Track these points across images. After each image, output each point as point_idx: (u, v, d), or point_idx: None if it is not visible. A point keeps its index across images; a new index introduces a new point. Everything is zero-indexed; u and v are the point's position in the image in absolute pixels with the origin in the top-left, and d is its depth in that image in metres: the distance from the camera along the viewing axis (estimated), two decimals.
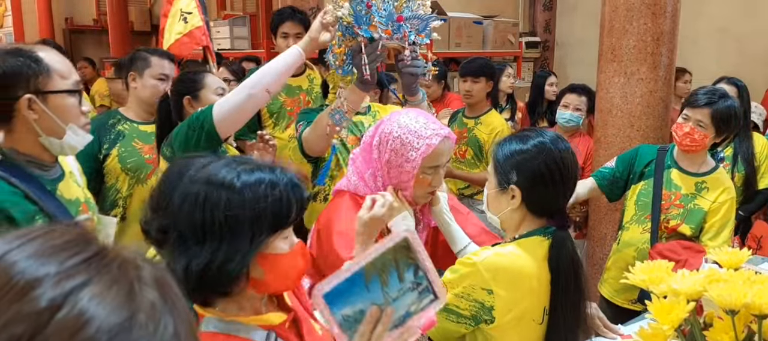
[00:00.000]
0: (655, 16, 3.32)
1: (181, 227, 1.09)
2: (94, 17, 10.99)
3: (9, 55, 1.57)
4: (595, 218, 3.75)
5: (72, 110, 1.64)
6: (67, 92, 1.62)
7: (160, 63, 2.78)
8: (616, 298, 2.80)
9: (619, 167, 2.85)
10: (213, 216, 1.08)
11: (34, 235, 0.46)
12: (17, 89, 1.56)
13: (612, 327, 1.93)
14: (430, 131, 1.68)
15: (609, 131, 3.50)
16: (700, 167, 2.66)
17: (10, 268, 0.43)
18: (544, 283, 1.56)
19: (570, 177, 1.60)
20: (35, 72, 1.57)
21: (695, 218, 2.60)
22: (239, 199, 1.10)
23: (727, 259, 1.53)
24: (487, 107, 4.05)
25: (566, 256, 1.56)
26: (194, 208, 1.09)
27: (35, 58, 1.58)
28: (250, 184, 1.11)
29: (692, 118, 2.55)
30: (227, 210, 1.08)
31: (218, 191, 1.10)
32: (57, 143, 1.65)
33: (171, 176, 1.15)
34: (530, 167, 1.56)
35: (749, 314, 1.32)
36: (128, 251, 0.50)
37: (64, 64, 1.65)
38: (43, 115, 1.59)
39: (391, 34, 2.01)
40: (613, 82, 3.45)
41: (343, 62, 2.12)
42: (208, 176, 1.11)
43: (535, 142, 1.58)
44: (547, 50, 7.37)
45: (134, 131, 2.69)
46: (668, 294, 1.37)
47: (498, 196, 1.62)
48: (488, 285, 1.51)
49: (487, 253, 1.56)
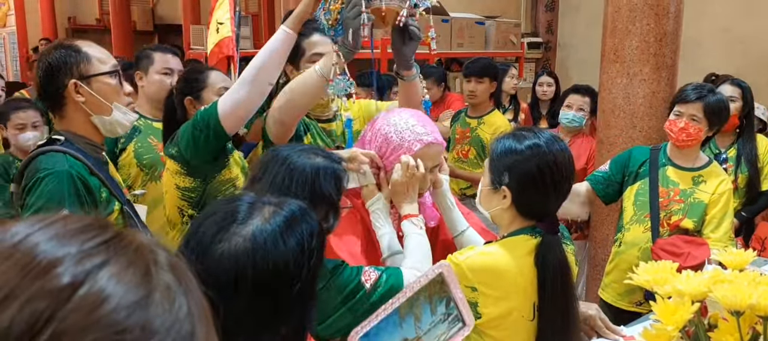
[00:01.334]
0: (658, 16, 3.31)
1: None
2: (96, 17, 11.01)
3: (54, 50, 1.79)
4: (596, 220, 3.74)
5: (114, 90, 1.84)
6: (107, 74, 1.81)
7: (163, 58, 2.84)
8: (618, 302, 2.79)
9: (612, 169, 2.86)
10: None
11: (53, 220, 0.48)
12: (64, 77, 1.76)
13: (614, 328, 1.92)
14: (414, 135, 1.68)
15: (611, 132, 3.49)
16: (694, 162, 2.69)
17: (33, 249, 0.45)
18: (530, 280, 1.57)
19: (563, 181, 1.59)
20: (77, 60, 1.77)
21: (697, 211, 2.62)
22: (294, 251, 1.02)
23: (731, 260, 1.53)
24: (491, 107, 4.06)
25: (554, 261, 1.56)
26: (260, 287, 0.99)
27: (76, 49, 1.78)
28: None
29: (685, 113, 2.59)
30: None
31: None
32: (107, 120, 1.83)
33: None
34: (522, 170, 1.56)
35: (754, 315, 1.32)
36: (144, 237, 0.52)
37: (101, 52, 1.85)
38: (90, 97, 1.79)
39: None
40: (616, 83, 3.44)
41: (336, 22, 1.87)
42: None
43: (529, 143, 1.57)
44: (549, 51, 7.36)
45: (149, 127, 2.74)
46: (673, 295, 1.37)
47: (490, 193, 1.63)
48: (471, 283, 1.53)
49: (470, 253, 1.58)
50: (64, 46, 1.81)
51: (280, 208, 1.04)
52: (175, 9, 9.86)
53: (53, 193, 1.66)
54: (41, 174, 1.69)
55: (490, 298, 1.55)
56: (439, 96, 4.71)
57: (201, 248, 0.99)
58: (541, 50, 7.19)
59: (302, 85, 1.99)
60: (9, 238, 0.46)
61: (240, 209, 1.02)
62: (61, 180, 1.68)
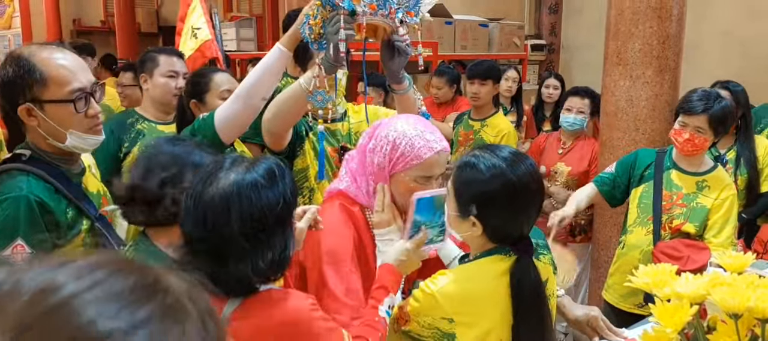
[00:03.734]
0: (660, 19, 3.32)
1: (237, 236, 1.27)
2: (101, 19, 11.02)
3: (10, 64, 1.62)
4: (599, 222, 3.75)
5: (70, 118, 1.65)
6: (64, 102, 1.63)
7: (169, 60, 2.81)
8: (621, 303, 2.80)
9: (618, 171, 2.87)
10: (267, 217, 1.30)
11: (100, 278, 0.48)
12: (17, 97, 1.62)
13: (615, 331, 1.94)
14: (423, 142, 1.65)
15: (614, 135, 3.51)
16: (699, 167, 2.69)
17: (81, 314, 0.45)
18: (506, 303, 1.53)
19: (531, 202, 1.55)
20: (29, 82, 1.60)
21: (699, 216, 2.62)
22: (274, 195, 1.31)
23: (730, 263, 1.54)
24: (494, 109, 4.08)
25: (529, 286, 1.52)
26: (247, 217, 1.28)
27: (30, 68, 1.60)
28: (276, 179, 1.33)
29: (690, 125, 2.58)
30: (274, 209, 1.30)
31: (257, 194, 1.29)
32: (62, 145, 1.69)
33: (201, 198, 1.31)
34: (487, 198, 1.51)
35: (752, 318, 1.33)
36: (178, 285, 0.53)
37: (68, 70, 1.65)
38: (43, 122, 1.64)
39: (376, 9, 1.81)
40: (619, 86, 3.45)
41: (318, 36, 1.92)
42: (238, 186, 1.30)
43: (490, 166, 1.52)
44: (553, 53, 7.36)
45: (153, 130, 2.72)
46: (672, 298, 1.38)
47: (458, 220, 1.58)
48: (447, 315, 1.50)
49: (443, 281, 1.53)
50: (20, 60, 1.62)
51: (256, 163, 1.36)
52: (180, 11, 9.89)
53: (7, 220, 1.58)
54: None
55: (467, 327, 1.51)
56: (451, 97, 4.68)
57: (197, 194, 1.30)
58: (544, 52, 7.20)
59: (288, 97, 2.05)
60: (52, 290, 0.46)
61: (224, 163, 1.35)
62: (17, 206, 1.59)
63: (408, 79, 2.07)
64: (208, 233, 1.28)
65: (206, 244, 1.29)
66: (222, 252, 1.29)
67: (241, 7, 8.49)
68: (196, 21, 3.62)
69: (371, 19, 1.83)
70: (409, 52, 1.96)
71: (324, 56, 1.91)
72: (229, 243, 1.28)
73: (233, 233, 1.27)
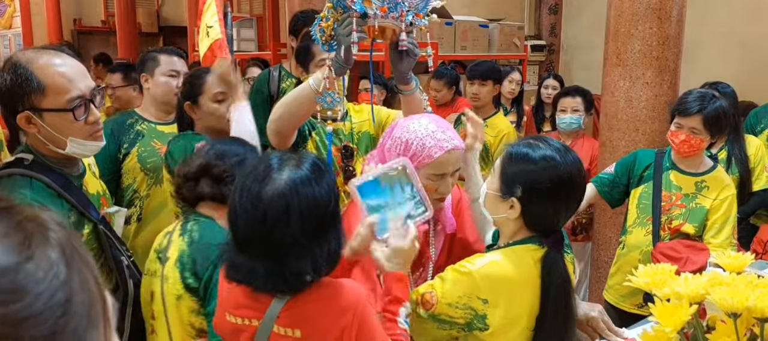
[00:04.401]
0: (660, 20, 3.33)
1: (297, 233, 1.29)
2: (102, 18, 11.05)
3: (7, 72, 1.60)
4: (600, 222, 3.76)
5: (69, 126, 1.64)
6: (63, 111, 1.62)
7: (169, 60, 2.82)
8: (621, 303, 2.81)
9: (618, 171, 2.88)
10: (323, 212, 1.33)
11: None
12: (16, 104, 1.61)
13: (616, 330, 1.94)
14: (434, 141, 1.68)
15: (614, 135, 3.51)
16: (698, 167, 2.70)
17: None
18: (535, 293, 1.55)
19: (574, 197, 1.58)
20: (28, 90, 1.58)
21: (698, 216, 2.63)
22: (326, 190, 1.34)
23: (729, 263, 1.55)
24: (494, 110, 4.08)
25: (558, 279, 1.54)
26: (306, 213, 1.30)
27: (27, 76, 1.58)
28: (324, 173, 1.36)
29: (686, 126, 2.59)
30: (328, 203, 1.34)
31: (312, 190, 1.32)
32: (62, 151, 1.68)
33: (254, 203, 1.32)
34: (535, 183, 1.53)
35: (751, 317, 1.34)
36: (45, 215, 0.56)
37: (66, 78, 1.63)
38: (42, 129, 1.63)
39: (387, 12, 1.82)
40: (619, 86, 3.46)
41: (330, 38, 1.94)
42: (293, 185, 1.31)
43: (543, 154, 1.55)
44: (553, 54, 7.37)
45: (152, 131, 2.72)
46: (671, 297, 1.39)
47: (497, 200, 1.60)
48: (484, 295, 1.51)
49: (482, 261, 1.55)
50: (17, 68, 1.60)
51: (302, 159, 1.38)
52: (180, 11, 9.89)
53: None
54: None
55: (500, 309, 1.51)
56: (450, 99, 4.67)
57: (253, 195, 1.30)
58: (544, 53, 7.20)
59: (296, 97, 2.06)
60: None
61: (272, 162, 1.36)
62: None
63: (415, 79, 2.08)
64: (268, 232, 1.29)
65: (265, 243, 1.30)
66: (281, 250, 1.30)
67: (241, 7, 8.51)
68: (209, 19, 3.62)
69: (382, 22, 1.84)
70: (417, 54, 1.97)
71: (334, 58, 1.92)
72: (289, 241, 1.29)
73: (294, 231, 1.28)
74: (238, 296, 1.39)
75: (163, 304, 1.80)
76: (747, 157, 3.23)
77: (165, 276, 1.79)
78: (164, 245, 1.85)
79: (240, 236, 1.34)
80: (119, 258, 1.85)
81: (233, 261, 1.36)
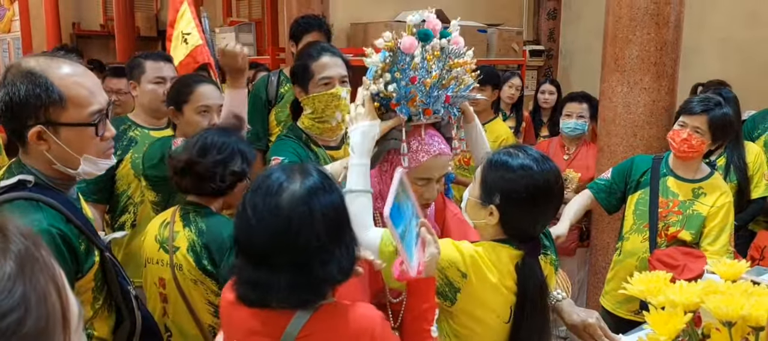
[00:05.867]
0: (658, 25, 3.33)
1: (323, 239, 1.29)
2: (101, 22, 11.04)
3: (23, 80, 1.43)
4: (597, 227, 3.75)
5: (88, 142, 1.50)
6: (84, 125, 1.48)
7: (155, 66, 2.77)
8: (618, 310, 2.80)
9: (615, 177, 2.88)
10: (341, 216, 1.34)
11: None
12: (27, 118, 1.44)
13: (613, 337, 1.94)
14: (421, 147, 1.72)
15: (612, 141, 3.51)
16: (695, 174, 2.70)
17: None
18: (510, 287, 1.60)
19: (551, 203, 1.63)
20: (46, 102, 1.43)
21: (695, 223, 2.62)
22: (338, 195, 1.36)
23: (725, 271, 1.54)
24: (492, 115, 4.08)
25: (534, 285, 1.61)
26: (328, 219, 1.31)
27: (47, 86, 1.42)
28: (331, 180, 1.38)
29: (689, 125, 2.60)
30: (344, 207, 1.36)
31: (328, 196, 1.32)
32: (72, 172, 1.54)
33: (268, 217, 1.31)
34: (513, 193, 1.58)
35: (746, 326, 1.34)
36: (12, 223, 0.54)
37: (86, 89, 1.49)
38: (56, 146, 1.48)
39: (431, 114, 1.73)
40: (616, 92, 3.46)
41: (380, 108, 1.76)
42: (311, 190, 1.32)
43: (521, 164, 1.59)
44: (552, 59, 7.37)
45: (146, 137, 2.70)
46: (666, 305, 1.39)
47: (477, 206, 1.65)
48: (465, 269, 1.55)
49: (468, 245, 1.61)
50: (33, 77, 1.43)
51: (305, 169, 1.37)
52: None
53: None
54: None
55: (475, 287, 1.56)
56: None
57: (270, 207, 1.29)
58: (543, 58, 7.21)
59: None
60: None
61: (279, 176, 1.35)
62: None
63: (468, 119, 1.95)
64: (293, 239, 1.27)
65: (289, 252, 1.29)
66: (306, 256, 1.29)
67: (240, 12, 8.51)
68: (185, 26, 3.59)
69: (430, 120, 1.76)
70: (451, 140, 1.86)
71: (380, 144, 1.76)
72: (315, 245, 1.28)
73: (320, 234, 1.28)
74: (247, 322, 1.35)
75: (178, 288, 1.92)
76: (746, 164, 3.23)
77: (177, 264, 1.92)
78: (166, 236, 1.95)
79: (257, 251, 1.31)
80: (126, 288, 1.71)
81: (247, 280, 1.32)
